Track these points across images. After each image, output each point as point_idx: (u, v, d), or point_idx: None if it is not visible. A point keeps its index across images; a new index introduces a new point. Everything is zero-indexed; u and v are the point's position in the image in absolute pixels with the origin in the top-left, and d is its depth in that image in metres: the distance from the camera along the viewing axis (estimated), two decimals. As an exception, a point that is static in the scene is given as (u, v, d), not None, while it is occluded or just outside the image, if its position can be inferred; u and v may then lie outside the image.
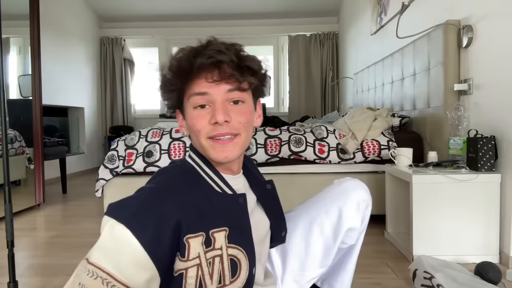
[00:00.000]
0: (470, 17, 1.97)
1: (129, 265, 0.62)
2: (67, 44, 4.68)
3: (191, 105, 0.77)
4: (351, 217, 1.02)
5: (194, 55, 0.75)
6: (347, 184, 1.06)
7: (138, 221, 0.65)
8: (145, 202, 0.68)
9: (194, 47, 0.77)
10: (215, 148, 0.77)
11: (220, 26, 5.58)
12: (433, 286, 1.38)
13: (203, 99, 0.76)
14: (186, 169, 0.80)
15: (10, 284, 1.31)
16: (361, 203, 1.03)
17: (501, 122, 1.72)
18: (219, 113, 0.74)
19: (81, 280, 0.62)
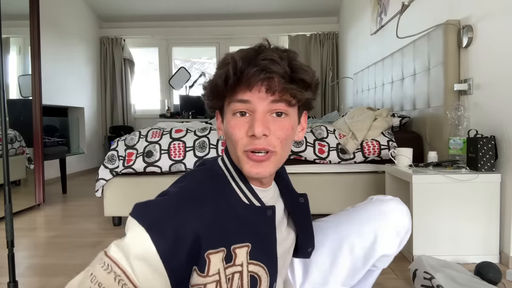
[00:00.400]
0: (470, 17, 1.97)
1: (144, 269, 0.61)
2: (67, 44, 4.68)
3: (231, 110, 0.72)
4: (388, 244, 0.94)
5: (245, 64, 0.69)
6: (388, 206, 0.96)
7: (159, 228, 0.63)
8: (169, 208, 0.66)
9: (245, 53, 0.71)
10: (249, 162, 0.73)
11: (220, 26, 5.58)
12: (433, 286, 1.37)
13: (244, 106, 0.71)
14: (215, 174, 0.77)
15: (10, 284, 1.31)
16: (401, 230, 0.94)
17: (501, 122, 1.72)
18: (258, 124, 0.69)
19: (95, 271, 0.62)
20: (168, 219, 0.64)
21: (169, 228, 0.64)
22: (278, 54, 0.70)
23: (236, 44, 5.76)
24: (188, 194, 0.69)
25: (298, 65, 0.71)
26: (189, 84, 5.42)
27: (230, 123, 0.73)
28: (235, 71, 0.69)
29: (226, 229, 0.70)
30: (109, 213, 2.38)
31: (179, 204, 0.67)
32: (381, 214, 0.95)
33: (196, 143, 2.30)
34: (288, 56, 0.71)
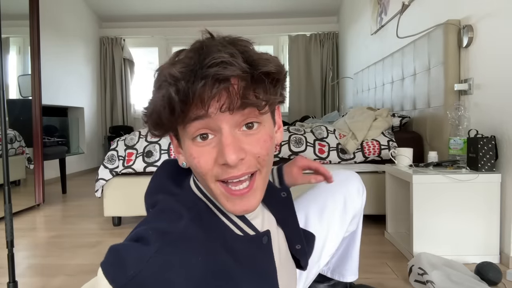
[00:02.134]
0: (470, 17, 1.97)
1: None
2: (67, 44, 4.68)
3: (188, 135, 0.55)
4: (354, 203, 1.07)
5: (188, 79, 0.52)
6: (344, 175, 1.11)
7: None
8: (147, 266, 0.50)
9: (185, 62, 0.53)
10: (228, 199, 0.57)
11: (220, 26, 5.56)
12: (424, 282, 1.40)
13: (203, 124, 0.54)
14: (199, 210, 0.61)
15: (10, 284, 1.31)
16: (360, 189, 1.09)
17: (502, 122, 1.72)
18: (229, 150, 0.53)
19: None
20: (146, 278, 0.50)
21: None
22: (228, 51, 0.53)
23: (236, 44, 5.77)
24: (170, 242, 0.53)
25: (255, 56, 0.55)
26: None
27: (191, 152, 0.56)
28: (179, 94, 0.51)
29: (218, 277, 0.56)
30: (109, 213, 2.38)
31: (159, 257, 0.51)
32: (342, 181, 1.08)
33: (196, 143, 2.29)
34: (240, 49, 0.54)
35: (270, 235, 0.66)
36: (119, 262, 0.51)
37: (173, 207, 0.60)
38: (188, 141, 0.56)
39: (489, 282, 1.44)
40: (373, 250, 1.91)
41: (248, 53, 0.55)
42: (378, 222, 2.35)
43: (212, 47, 0.54)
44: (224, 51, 0.52)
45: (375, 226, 2.32)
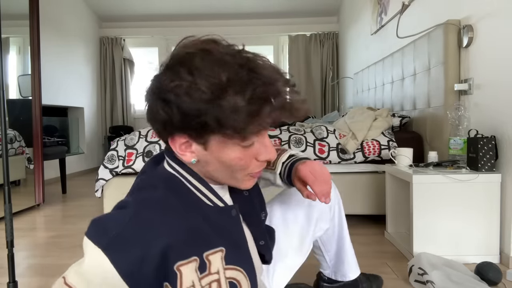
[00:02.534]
0: (470, 17, 1.97)
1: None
2: (67, 44, 4.68)
3: (236, 143, 0.65)
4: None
5: (276, 96, 0.61)
6: None
7: (117, 247, 0.57)
8: (128, 225, 0.59)
9: (277, 88, 0.62)
10: (250, 180, 0.72)
11: (220, 26, 5.58)
12: (424, 282, 1.40)
13: (255, 137, 0.67)
14: (174, 183, 0.70)
15: (10, 284, 1.31)
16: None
17: (502, 122, 1.72)
18: (272, 151, 0.69)
19: None
20: (129, 236, 0.58)
21: (129, 245, 0.58)
22: (293, 85, 0.65)
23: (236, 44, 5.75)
24: (148, 205, 0.62)
25: (296, 92, 0.66)
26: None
27: (237, 153, 0.66)
28: (281, 112, 0.63)
29: (196, 236, 0.63)
30: (109, 213, 2.37)
31: (141, 218, 0.60)
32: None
33: (196, 143, 2.29)
34: (294, 85, 0.66)
35: (238, 209, 0.74)
36: (102, 227, 0.60)
37: (150, 182, 0.70)
38: (234, 145, 0.65)
39: (489, 282, 1.44)
40: (373, 250, 1.91)
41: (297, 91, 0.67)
42: (378, 222, 2.35)
43: (287, 79, 0.68)
44: (292, 86, 0.65)
45: (375, 226, 2.32)
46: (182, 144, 0.67)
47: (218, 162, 0.68)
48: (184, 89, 0.60)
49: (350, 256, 1.27)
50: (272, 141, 2.30)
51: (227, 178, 0.70)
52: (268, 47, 5.85)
